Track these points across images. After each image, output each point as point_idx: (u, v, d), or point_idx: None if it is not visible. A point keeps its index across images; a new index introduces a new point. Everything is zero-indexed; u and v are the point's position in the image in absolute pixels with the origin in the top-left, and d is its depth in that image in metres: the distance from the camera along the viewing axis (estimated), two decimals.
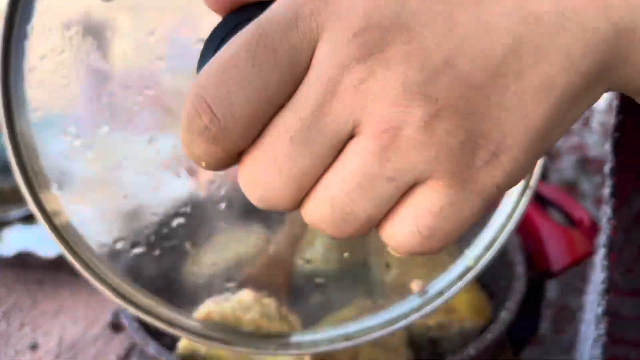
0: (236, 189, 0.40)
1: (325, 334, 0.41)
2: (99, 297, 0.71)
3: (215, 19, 0.25)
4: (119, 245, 0.40)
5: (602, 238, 0.40)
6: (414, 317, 0.39)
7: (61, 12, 0.35)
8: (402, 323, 0.40)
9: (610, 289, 0.40)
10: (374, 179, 0.22)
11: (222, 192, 0.41)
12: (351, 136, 0.22)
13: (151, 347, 0.48)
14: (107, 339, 0.65)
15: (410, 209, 0.22)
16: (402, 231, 0.23)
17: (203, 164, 0.23)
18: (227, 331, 0.42)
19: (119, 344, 0.64)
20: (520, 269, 0.54)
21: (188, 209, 0.41)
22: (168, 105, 0.37)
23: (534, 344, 0.82)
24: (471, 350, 0.46)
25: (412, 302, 0.41)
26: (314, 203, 0.23)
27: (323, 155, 0.22)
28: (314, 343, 0.40)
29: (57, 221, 0.39)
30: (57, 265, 0.73)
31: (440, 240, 0.23)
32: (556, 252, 0.57)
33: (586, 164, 0.74)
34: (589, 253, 0.57)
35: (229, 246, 0.44)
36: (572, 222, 0.61)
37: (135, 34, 0.35)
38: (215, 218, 0.41)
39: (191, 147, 0.23)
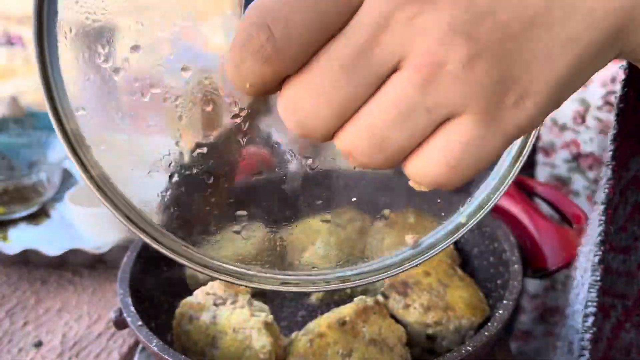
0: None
1: (322, 276, 0.43)
2: (102, 295, 0.72)
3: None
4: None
5: (600, 196, 0.42)
6: (406, 266, 0.42)
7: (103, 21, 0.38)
8: (394, 270, 0.42)
9: (606, 241, 0.43)
10: (412, 109, 0.24)
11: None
12: (394, 70, 0.24)
13: (154, 345, 0.48)
14: (110, 336, 0.66)
15: (441, 139, 0.24)
16: (430, 161, 0.25)
17: (247, 85, 0.24)
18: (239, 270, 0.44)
19: (122, 341, 0.65)
20: (517, 267, 0.55)
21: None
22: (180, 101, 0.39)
23: (522, 339, 0.83)
24: (469, 347, 0.46)
25: (406, 253, 0.43)
26: (352, 130, 0.24)
27: (368, 84, 0.24)
28: (312, 282, 0.43)
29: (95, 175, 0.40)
30: (61, 264, 0.73)
31: (462, 172, 0.25)
32: (552, 252, 0.57)
33: (580, 160, 0.73)
34: None
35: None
36: (566, 219, 0.62)
37: (156, 43, 0.38)
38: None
39: (240, 67, 0.23)
